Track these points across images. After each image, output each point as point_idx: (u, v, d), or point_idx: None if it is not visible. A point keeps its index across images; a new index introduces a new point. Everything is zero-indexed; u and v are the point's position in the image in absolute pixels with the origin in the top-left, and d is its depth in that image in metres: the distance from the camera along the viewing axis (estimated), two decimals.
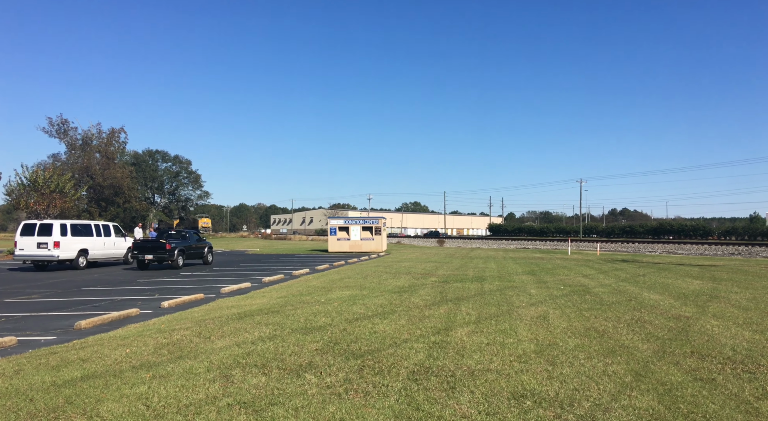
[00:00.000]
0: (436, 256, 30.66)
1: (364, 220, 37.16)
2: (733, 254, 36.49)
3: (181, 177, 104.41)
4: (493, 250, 43.26)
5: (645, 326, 8.20)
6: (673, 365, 5.91)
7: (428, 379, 5.43)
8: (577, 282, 15.07)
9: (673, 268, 21.47)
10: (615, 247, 47.03)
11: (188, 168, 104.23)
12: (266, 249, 40.49)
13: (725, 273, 18.56)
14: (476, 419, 4.41)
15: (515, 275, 17.26)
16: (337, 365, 5.93)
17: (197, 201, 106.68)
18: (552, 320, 8.78)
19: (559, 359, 6.19)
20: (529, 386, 5.17)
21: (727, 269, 20.95)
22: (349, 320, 8.67)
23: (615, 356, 6.36)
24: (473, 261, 25.54)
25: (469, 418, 4.42)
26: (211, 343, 7.12)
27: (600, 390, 5.05)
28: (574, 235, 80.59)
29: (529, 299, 11.25)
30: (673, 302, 11.00)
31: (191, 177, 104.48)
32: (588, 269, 20.60)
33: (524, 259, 27.86)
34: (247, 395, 4.96)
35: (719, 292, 12.73)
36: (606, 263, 24.19)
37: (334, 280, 15.89)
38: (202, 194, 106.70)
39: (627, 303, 10.73)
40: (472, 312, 9.53)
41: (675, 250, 41.95)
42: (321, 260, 27.14)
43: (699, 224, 72.93)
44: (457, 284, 14.46)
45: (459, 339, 7.27)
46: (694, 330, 7.92)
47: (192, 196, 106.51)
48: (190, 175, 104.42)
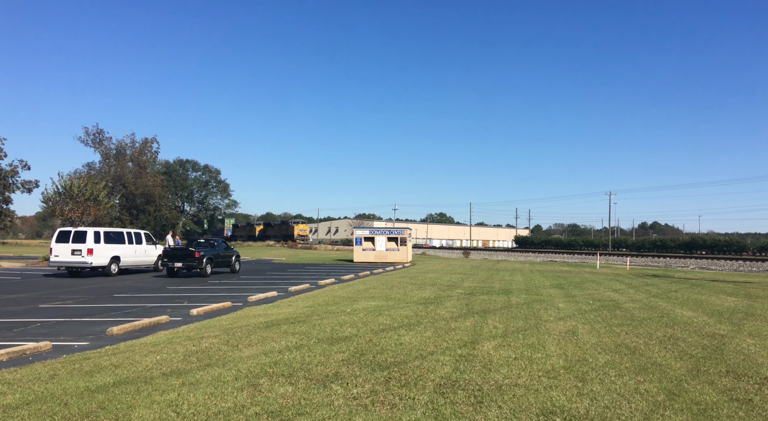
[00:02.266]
0: (462, 267, 30.46)
1: (390, 230, 37.19)
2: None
3: (210, 186, 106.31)
4: (519, 262, 42.77)
5: (678, 344, 8.00)
6: (707, 385, 5.75)
7: (455, 392, 5.39)
8: (607, 297, 14.79)
9: (707, 284, 20.91)
10: (645, 261, 46.06)
11: (217, 177, 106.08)
12: (292, 258, 40.80)
13: (761, 290, 17.99)
14: None
15: (542, 289, 17.03)
16: (363, 377, 5.93)
17: (225, 210, 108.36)
18: (581, 335, 8.63)
19: (589, 376, 6.08)
20: (559, 403, 5.09)
21: (763, 286, 20.31)
22: (374, 331, 8.67)
23: (647, 373, 6.21)
24: (499, 273, 25.30)
25: None
26: (238, 351, 7.20)
27: (632, 409, 4.94)
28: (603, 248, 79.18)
29: (557, 314, 11.08)
30: (707, 319, 10.71)
31: (220, 186, 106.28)
32: (617, 283, 20.21)
33: (551, 272, 27.47)
34: (275, 404, 5.00)
35: (755, 309, 12.34)
36: (636, 278, 23.69)
37: (360, 290, 15.91)
38: (231, 203, 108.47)
39: (659, 319, 10.48)
40: (499, 325, 9.44)
41: (708, 265, 40.87)
42: (346, 269, 27.22)
43: (733, 240, 70.97)
44: (483, 296, 14.34)
45: (486, 353, 7.21)
46: (730, 348, 7.69)
47: (220, 205, 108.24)
48: (219, 185, 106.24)
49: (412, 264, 33.88)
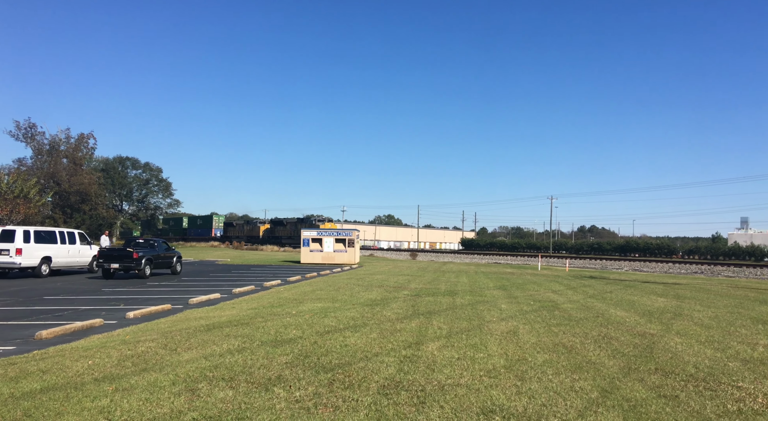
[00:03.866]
0: (409, 269, 30.71)
1: (338, 232, 37.07)
2: (696, 272, 37.46)
3: (151, 185, 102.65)
4: (465, 264, 43.53)
5: (612, 343, 8.35)
6: (638, 382, 6.02)
7: (398, 393, 5.41)
8: (547, 298, 15.27)
9: (639, 285, 21.94)
10: (583, 263, 47.87)
11: (159, 176, 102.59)
12: (237, 259, 39.94)
13: (688, 291, 19.03)
14: None
15: (486, 290, 17.40)
16: (306, 379, 5.87)
17: (167, 209, 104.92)
18: (522, 335, 8.87)
19: (528, 375, 6.25)
20: (498, 402, 5.20)
21: (690, 287, 21.50)
22: (320, 333, 8.61)
23: (582, 372, 6.44)
24: (445, 275, 25.66)
25: None
26: (177, 355, 6.98)
27: (567, 406, 5.11)
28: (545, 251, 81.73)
29: (500, 314, 11.34)
30: (638, 319, 11.22)
31: (161, 185, 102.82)
32: (557, 284, 20.90)
33: (495, 274, 28.11)
34: (214, 409, 4.87)
35: (683, 310, 13.04)
36: (575, 279, 24.58)
37: (306, 292, 15.76)
38: (173, 202, 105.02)
39: (594, 319, 10.90)
40: (444, 326, 9.56)
41: (641, 267, 42.87)
42: (293, 271, 26.90)
43: (664, 243, 74.86)
44: (429, 297, 14.50)
45: (430, 353, 7.28)
46: (659, 347, 8.09)
47: (162, 205, 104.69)
48: (160, 183, 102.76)
49: (360, 265, 33.87)
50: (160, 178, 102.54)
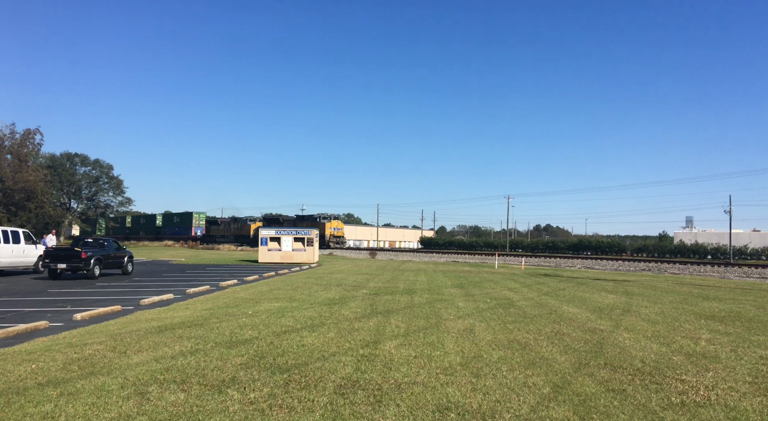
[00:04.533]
0: (368, 268, 30.71)
1: (297, 230, 36.72)
2: (644, 270, 38.89)
3: (101, 182, 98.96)
4: (424, 263, 43.86)
5: (564, 339, 8.56)
6: (588, 377, 6.20)
7: (355, 393, 5.40)
8: (503, 295, 15.54)
9: (591, 282, 22.61)
10: (539, 261, 49.00)
11: (109, 173, 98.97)
12: (192, 259, 39.02)
13: (637, 288, 19.73)
14: None
15: (444, 288, 17.57)
16: (262, 380, 5.79)
17: (118, 207, 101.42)
18: (478, 332, 8.99)
19: (483, 371, 6.34)
20: (454, 399, 5.26)
21: (638, 284, 22.30)
22: (276, 333, 8.50)
23: (535, 367, 6.58)
24: (404, 274, 25.79)
25: None
26: (126, 358, 6.76)
27: (520, 402, 5.20)
28: (502, 249, 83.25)
29: (457, 312, 11.47)
30: (589, 315, 11.55)
31: (112, 182, 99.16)
32: (513, 282, 21.31)
33: (453, 272, 28.43)
34: (164, 413, 4.73)
35: (631, 306, 13.51)
36: (530, 277, 25.12)
37: (263, 291, 15.54)
38: (124, 201, 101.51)
39: (548, 316, 11.16)
40: (402, 325, 9.60)
41: (593, 265, 44.20)
42: (250, 270, 26.48)
43: (614, 241, 77.35)
44: (387, 296, 14.53)
45: (387, 352, 7.30)
46: (608, 343, 8.34)
47: (113, 203, 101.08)
48: (111, 181, 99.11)
49: (319, 264, 33.66)
50: (111, 176, 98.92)
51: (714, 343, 8.47)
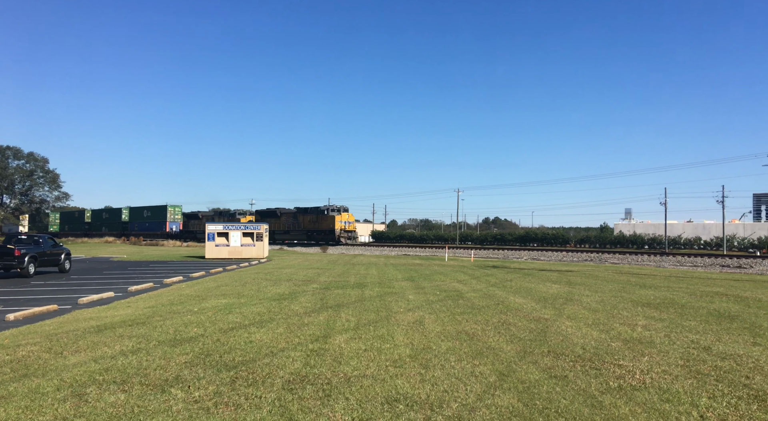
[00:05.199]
0: (319, 262, 30.53)
1: (245, 225, 36.06)
2: (586, 260, 40.38)
3: (35, 176, 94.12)
4: (375, 256, 44.00)
5: (510, 328, 8.78)
6: (532, 365, 6.38)
7: (304, 388, 5.36)
8: (452, 287, 15.78)
9: (536, 273, 23.28)
10: (487, 254, 50.04)
11: (44, 167, 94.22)
12: (135, 256, 37.68)
13: (579, 278, 20.46)
14: None
15: (395, 281, 17.68)
16: (207, 378, 5.65)
17: (54, 203, 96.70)
18: (427, 324, 9.10)
19: (431, 363, 6.42)
20: (403, 390, 5.30)
21: (580, 274, 23.14)
22: (223, 330, 8.32)
23: (482, 357, 6.72)
24: (355, 267, 25.79)
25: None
26: (63, 359, 6.46)
27: (467, 391, 5.30)
28: (452, 242, 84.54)
29: (407, 305, 11.57)
30: (535, 305, 11.89)
31: (48, 177, 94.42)
32: (462, 274, 21.67)
33: (404, 265, 28.65)
34: (103, 414, 4.55)
35: (573, 295, 13.99)
36: (479, 269, 25.62)
37: (210, 288, 15.19)
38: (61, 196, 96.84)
39: (495, 307, 11.42)
40: (352, 318, 9.60)
41: (538, 256, 45.53)
42: (196, 267, 25.82)
43: (559, 233, 79.88)
44: (338, 290, 14.49)
45: (337, 346, 7.28)
46: (552, 331, 8.61)
47: (48, 198, 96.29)
48: (46, 175, 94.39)
49: (269, 260, 33.20)
50: (47, 170, 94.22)
51: (649, 329, 8.88)
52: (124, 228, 79.05)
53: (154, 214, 76.00)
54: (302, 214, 64.73)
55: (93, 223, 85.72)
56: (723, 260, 38.43)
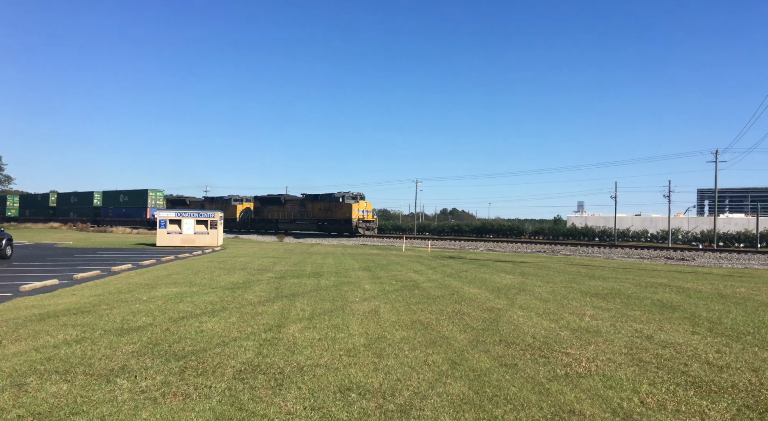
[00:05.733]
0: (275, 251, 30.21)
1: (199, 213, 35.26)
2: (540, 251, 41.41)
3: None
4: (332, 245, 43.84)
5: (463, 318, 8.91)
6: (484, 353, 6.49)
7: (255, 377, 5.29)
8: (409, 277, 15.90)
9: (491, 264, 23.72)
10: (444, 244, 50.62)
11: None
12: (82, 242, 36.32)
13: (532, 269, 20.96)
14: (301, 414, 4.39)
15: (352, 271, 17.67)
16: (155, 368, 5.51)
17: None
18: (383, 314, 9.13)
19: (385, 352, 6.45)
20: (356, 379, 5.30)
21: (534, 265, 23.71)
22: (173, 319, 8.12)
23: (436, 346, 6.80)
24: (312, 257, 25.64)
25: (294, 414, 4.39)
26: (2, 348, 6.17)
27: (420, 379, 5.35)
28: (409, 232, 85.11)
29: (363, 295, 11.58)
30: (488, 295, 12.11)
31: None
32: (419, 265, 21.86)
33: (361, 255, 28.67)
34: (44, 405, 4.38)
35: (526, 286, 14.32)
36: (435, 260, 25.89)
37: (161, 276, 14.80)
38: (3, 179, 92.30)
39: (450, 297, 11.57)
40: (307, 308, 9.54)
41: (494, 247, 46.38)
42: (147, 254, 25.11)
43: (515, 225, 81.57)
44: (294, 279, 14.37)
45: (291, 335, 7.22)
46: (504, 321, 8.79)
47: None
48: None
49: (223, 248, 32.62)
50: None
51: (597, 318, 9.18)
52: (96, 214, 71.61)
53: (133, 198, 68.06)
54: (312, 201, 58.74)
55: (59, 207, 77.78)
56: (668, 253, 40.10)
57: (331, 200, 56.48)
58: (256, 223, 64.93)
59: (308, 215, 59.03)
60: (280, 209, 61.46)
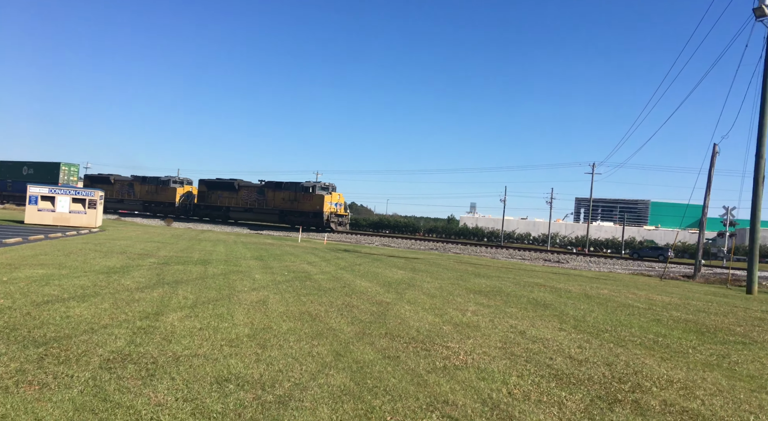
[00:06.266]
0: (161, 236, 28.64)
1: (77, 191, 32.51)
2: (432, 249, 42.85)
3: None
4: (225, 233, 42.36)
5: (353, 311, 8.98)
6: (369, 345, 6.59)
7: (125, 367, 4.97)
8: (301, 269, 15.75)
9: (385, 259, 24.16)
10: (340, 237, 50.77)
11: None
12: None
13: (423, 265, 21.64)
14: (172, 406, 4.19)
15: (243, 260, 17.18)
16: (10, 355, 5.00)
17: None
18: (271, 304, 8.97)
19: (270, 342, 6.33)
20: (235, 370, 5.15)
21: (425, 261, 24.49)
22: (36, 303, 7.42)
23: (322, 338, 6.79)
24: (201, 243, 24.60)
25: (164, 406, 4.18)
26: None
27: (302, 370, 5.31)
28: None
29: (252, 284, 11.30)
30: (379, 289, 12.32)
31: None
32: (313, 256, 21.74)
33: (255, 244, 27.98)
34: None
35: (416, 281, 14.75)
36: (330, 252, 25.89)
37: (26, 256, 13.46)
38: None
39: (341, 289, 11.61)
40: (190, 296, 9.13)
41: (389, 243, 47.30)
42: (13, 232, 22.73)
43: (410, 222, 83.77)
44: (178, 266, 13.69)
45: (170, 324, 6.87)
46: (391, 314, 8.98)
47: None
48: None
49: (102, 230, 30.34)
50: None
51: (477, 314, 9.66)
52: None
53: (40, 172, 59.65)
54: (273, 189, 52.91)
55: None
56: (546, 255, 43.18)
57: (298, 189, 51.56)
58: (200, 210, 58.26)
59: (268, 204, 53.70)
60: (232, 196, 55.36)
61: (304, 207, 51.12)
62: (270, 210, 53.72)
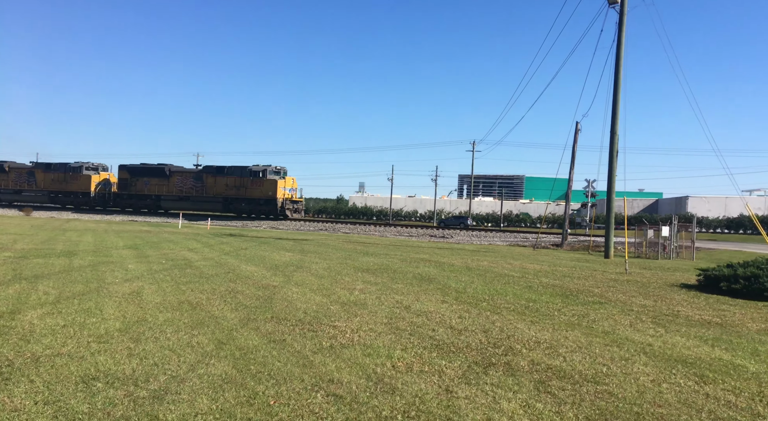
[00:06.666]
0: (19, 227, 25.79)
1: None
2: (321, 229, 42.74)
3: None
4: (94, 222, 39.09)
5: (237, 296, 8.72)
6: (253, 331, 6.43)
7: None
8: (181, 256, 14.99)
9: (273, 242, 23.70)
10: (226, 222, 48.96)
11: None
12: None
13: (312, 246, 21.53)
14: (31, 410, 3.82)
15: (114, 250, 15.99)
16: None
17: None
18: (146, 295, 8.44)
19: (144, 336, 5.96)
20: (104, 368, 4.80)
21: (314, 242, 24.38)
22: None
23: (203, 327, 6.52)
24: (66, 234, 22.51)
25: (22, 411, 3.80)
26: None
27: (180, 362, 5.07)
28: None
29: (125, 275, 10.56)
30: (265, 272, 12.06)
31: None
32: (195, 242, 20.77)
33: (129, 232, 26.14)
34: None
35: (304, 263, 14.64)
36: (214, 237, 24.89)
37: None
38: None
39: (225, 275, 11.22)
40: (52, 291, 8.33)
41: (278, 225, 46.45)
42: None
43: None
44: (39, 259, 12.43)
45: (28, 323, 6.23)
46: (278, 297, 8.84)
47: None
48: None
49: None
50: None
51: (365, 292, 9.81)
52: None
53: None
54: (215, 174, 47.63)
55: None
56: (432, 231, 44.87)
57: (245, 174, 47.07)
58: (122, 199, 52.30)
59: (209, 191, 49.03)
60: (162, 183, 50.00)
61: (253, 194, 47.05)
62: (211, 198, 49.46)
